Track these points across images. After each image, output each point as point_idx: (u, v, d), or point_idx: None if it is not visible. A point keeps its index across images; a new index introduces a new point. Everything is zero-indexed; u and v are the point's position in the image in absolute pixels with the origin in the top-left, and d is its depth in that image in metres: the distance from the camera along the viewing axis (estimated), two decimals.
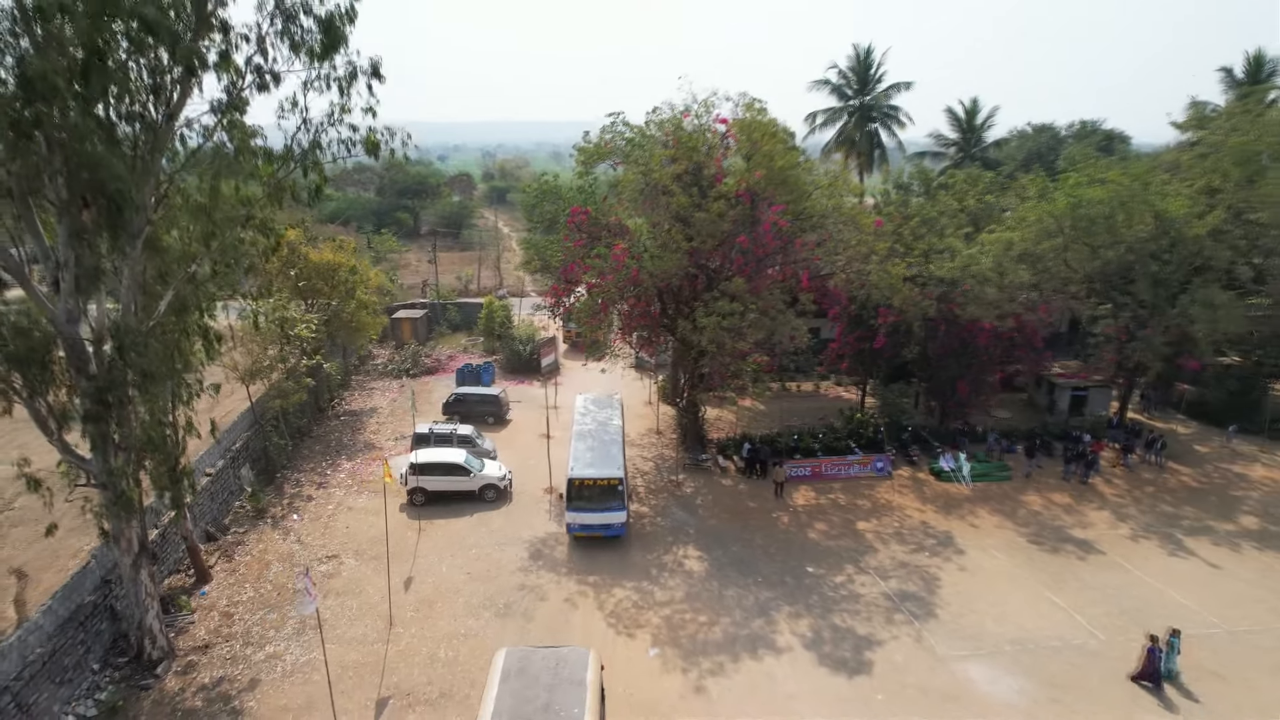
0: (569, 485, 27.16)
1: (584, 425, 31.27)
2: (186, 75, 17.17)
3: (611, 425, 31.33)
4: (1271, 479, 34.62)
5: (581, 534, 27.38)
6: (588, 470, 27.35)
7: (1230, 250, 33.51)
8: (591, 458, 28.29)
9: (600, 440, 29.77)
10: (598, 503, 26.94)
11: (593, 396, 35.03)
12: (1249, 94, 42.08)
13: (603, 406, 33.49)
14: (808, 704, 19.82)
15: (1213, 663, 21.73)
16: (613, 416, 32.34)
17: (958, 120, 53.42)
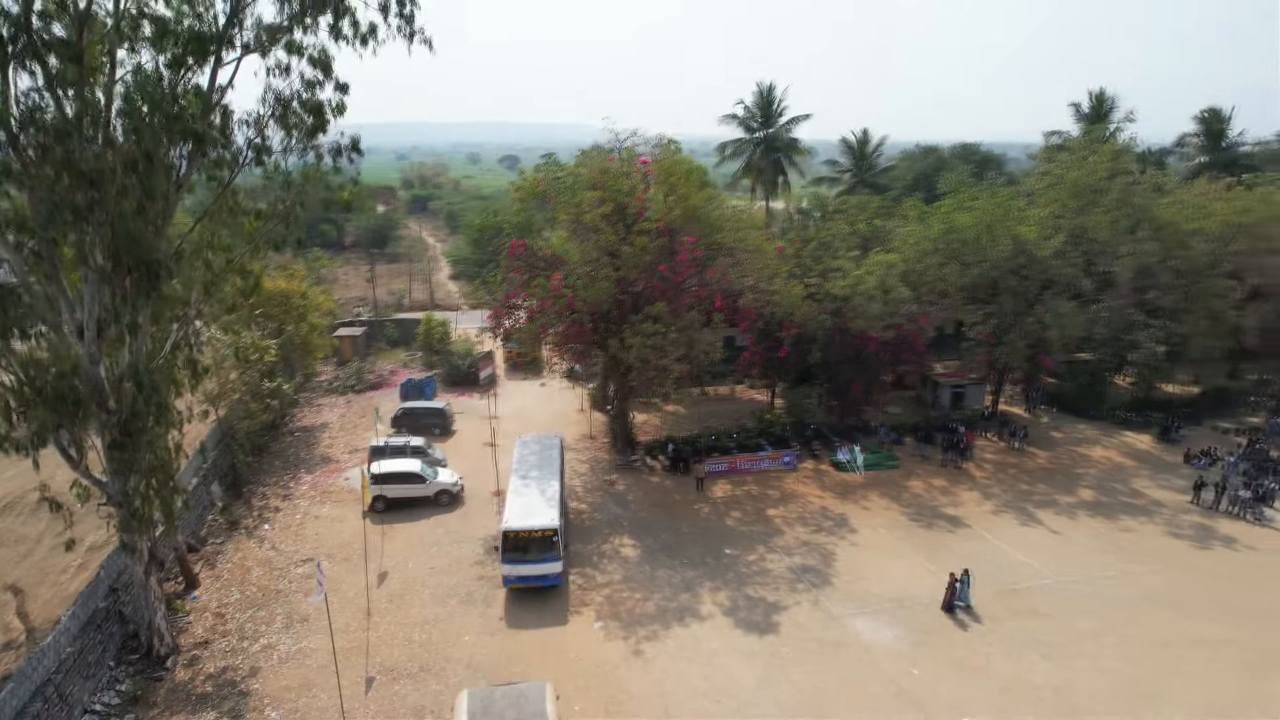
0: (504, 537, 26.96)
1: (522, 470, 31.08)
2: (197, 153, 20.47)
3: (550, 470, 31.02)
4: (1108, 458, 41.13)
5: (518, 585, 27.25)
6: (523, 521, 27.17)
7: (1071, 268, 39.79)
8: (527, 506, 28.13)
9: (538, 487, 29.62)
10: (534, 554, 26.84)
11: (533, 438, 34.57)
12: (1089, 131, 48.99)
13: (543, 449, 33.04)
14: (727, 659, 24.36)
15: (1042, 606, 27.33)
16: (552, 460, 31.89)
17: (851, 149, 59.43)
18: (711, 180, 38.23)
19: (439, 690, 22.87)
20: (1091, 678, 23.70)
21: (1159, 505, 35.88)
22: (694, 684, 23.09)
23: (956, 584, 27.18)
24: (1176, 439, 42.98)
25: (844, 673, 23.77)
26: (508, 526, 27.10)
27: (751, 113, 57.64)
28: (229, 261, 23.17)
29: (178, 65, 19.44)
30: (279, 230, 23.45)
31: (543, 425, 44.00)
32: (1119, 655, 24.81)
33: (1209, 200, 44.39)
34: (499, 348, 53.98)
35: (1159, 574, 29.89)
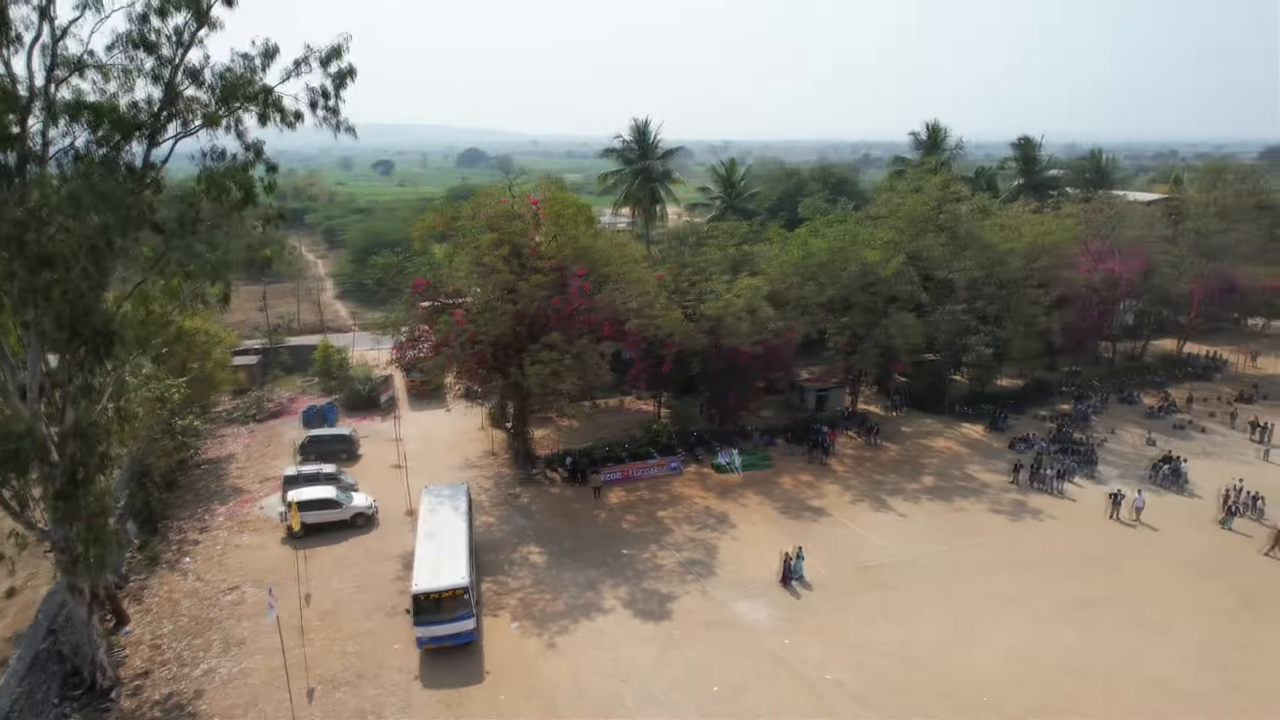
0: (415, 600, 26.64)
1: (430, 525, 31.04)
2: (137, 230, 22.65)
3: (458, 524, 31.14)
4: (948, 448, 47.67)
5: (431, 645, 26.97)
6: (434, 582, 27.01)
7: (911, 285, 45.96)
8: (437, 566, 27.99)
9: (447, 542, 29.65)
10: (446, 613, 26.66)
11: (440, 490, 34.47)
12: (922, 163, 55.98)
13: (450, 500, 33.12)
14: (629, 644, 28.30)
15: (889, 579, 32.72)
16: (459, 513, 32.01)
17: (720, 178, 64.86)
18: (594, 216, 42.14)
19: (376, 694, 25.77)
20: (926, 633, 29.04)
21: (986, 486, 42.33)
22: (602, 668, 26.95)
23: (790, 561, 32.22)
24: (1003, 428, 50.08)
25: (728, 648, 28.18)
26: (418, 589, 26.74)
27: (630, 146, 62.18)
28: (163, 319, 25.32)
29: (108, 143, 21.64)
30: (206, 288, 25.74)
31: (446, 445, 46.85)
32: (948, 614, 30.31)
33: (1020, 222, 51.82)
34: (398, 372, 55.95)
35: (982, 545, 35.93)
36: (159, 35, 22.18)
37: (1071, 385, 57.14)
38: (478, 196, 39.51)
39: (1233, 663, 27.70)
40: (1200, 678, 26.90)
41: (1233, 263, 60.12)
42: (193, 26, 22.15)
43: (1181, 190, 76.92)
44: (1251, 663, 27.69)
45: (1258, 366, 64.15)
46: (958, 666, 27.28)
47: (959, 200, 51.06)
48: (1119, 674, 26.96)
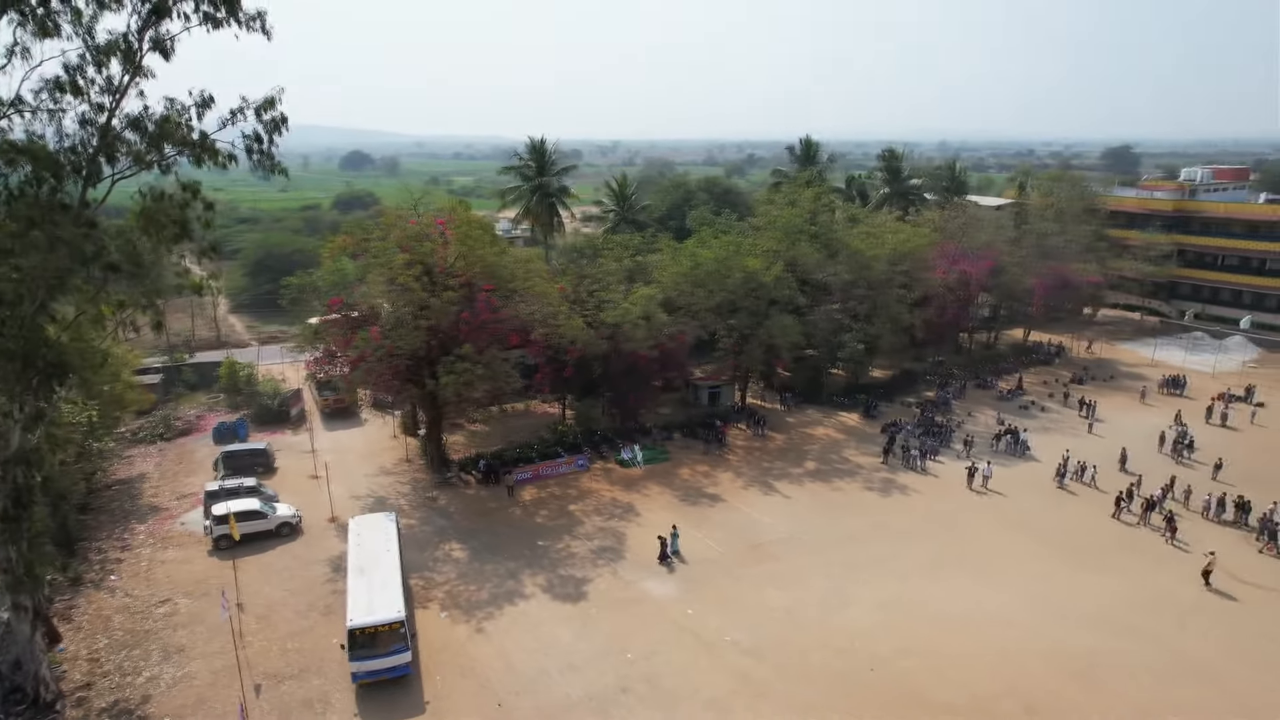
0: (350, 635, 26.62)
1: (359, 558, 31.01)
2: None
3: (388, 554, 31.28)
4: (827, 435, 52.86)
5: (367, 680, 26.92)
6: (369, 616, 27.11)
7: (789, 289, 50.80)
8: (371, 600, 28.07)
9: (379, 575, 29.75)
10: (382, 648, 26.79)
11: (366, 520, 34.64)
12: (797, 177, 61.32)
13: (377, 530, 33.22)
14: (550, 624, 31.49)
15: (777, 553, 37.08)
16: (389, 542, 32.15)
17: (614, 192, 68.60)
18: (499, 236, 45.01)
19: (321, 684, 28.04)
20: (809, 597, 33.44)
21: (860, 468, 47.53)
22: (528, 645, 30.06)
23: (666, 540, 36.24)
24: (875, 415, 55.71)
25: (639, 620, 31.77)
26: (353, 624, 26.80)
27: (526, 163, 65.13)
28: (94, 348, 26.84)
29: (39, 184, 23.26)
30: (137, 315, 27.39)
31: (361, 455, 48.65)
32: (827, 579, 34.84)
33: (884, 231, 57.68)
34: (309, 388, 57.00)
35: (855, 519, 40.84)
36: (90, 84, 23.89)
37: (935, 374, 63.68)
38: (386, 217, 41.71)
39: (1055, 599, 33.30)
40: (1031, 613, 32.30)
41: (1066, 261, 68.19)
42: (125, 76, 23.95)
43: (1026, 195, 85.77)
44: (1071, 598, 33.35)
45: (1093, 352, 72.77)
46: (835, 622, 31.77)
47: (832, 211, 56.41)
48: (967, 616, 32.07)
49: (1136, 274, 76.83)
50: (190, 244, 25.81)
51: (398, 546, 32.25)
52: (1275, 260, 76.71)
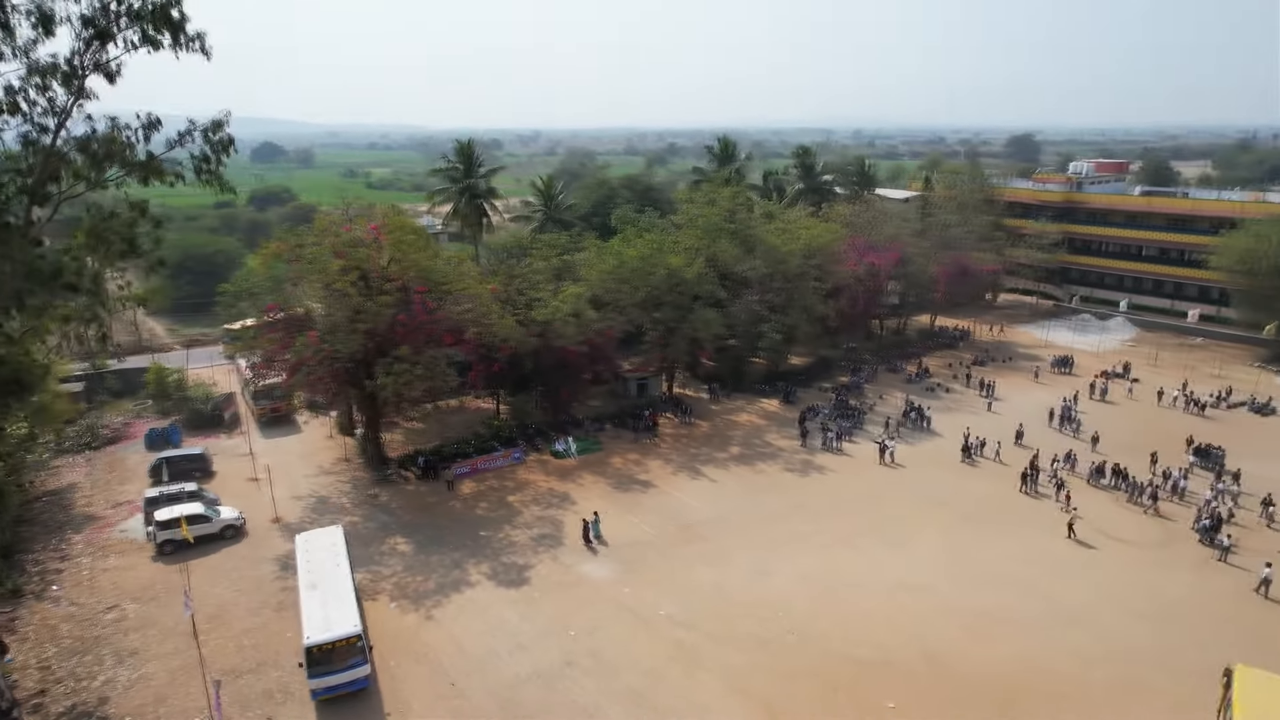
0: (307, 653, 26.84)
1: (310, 573, 31.29)
2: None
3: (339, 568, 31.64)
4: (750, 421, 56.00)
5: (326, 696, 27.15)
6: (325, 633, 27.32)
7: (710, 285, 53.60)
8: (326, 616, 28.31)
9: (332, 590, 30.09)
10: (339, 663, 26.96)
11: (313, 535, 34.85)
12: (715, 176, 64.19)
13: (325, 544, 33.56)
14: (496, 608, 33.50)
15: (705, 533, 39.83)
16: (338, 556, 32.52)
17: (540, 192, 70.25)
18: (433, 239, 46.38)
19: (279, 675, 29.43)
20: (735, 571, 36.29)
21: (781, 451, 50.77)
22: (476, 629, 32.03)
23: (588, 524, 38.68)
24: (794, 400, 59.15)
25: (580, 601, 34.06)
26: (310, 641, 27.03)
27: (454, 165, 66.25)
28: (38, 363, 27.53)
29: None
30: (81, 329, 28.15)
31: (299, 455, 49.43)
32: (751, 555, 37.77)
33: (797, 227, 61.03)
34: (244, 396, 56.99)
35: (777, 499, 43.94)
36: (33, 105, 24.61)
37: (848, 360, 67.64)
38: (319, 222, 42.67)
39: (956, 563, 37.00)
40: (934, 576, 35.86)
41: (966, 250, 73.08)
42: (69, 99, 24.76)
43: (930, 188, 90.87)
44: (969, 561, 37.12)
45: (1001, 335, 77.98)
46: (759, 593, 34.69)
47: (749, 208, 59.45)
48: (876, 581, 35.43)
49: (1030, 260, 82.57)
50: (138, 259, 26.72)
51: (347, 559, 32.64)
52: (1149, 247, 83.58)
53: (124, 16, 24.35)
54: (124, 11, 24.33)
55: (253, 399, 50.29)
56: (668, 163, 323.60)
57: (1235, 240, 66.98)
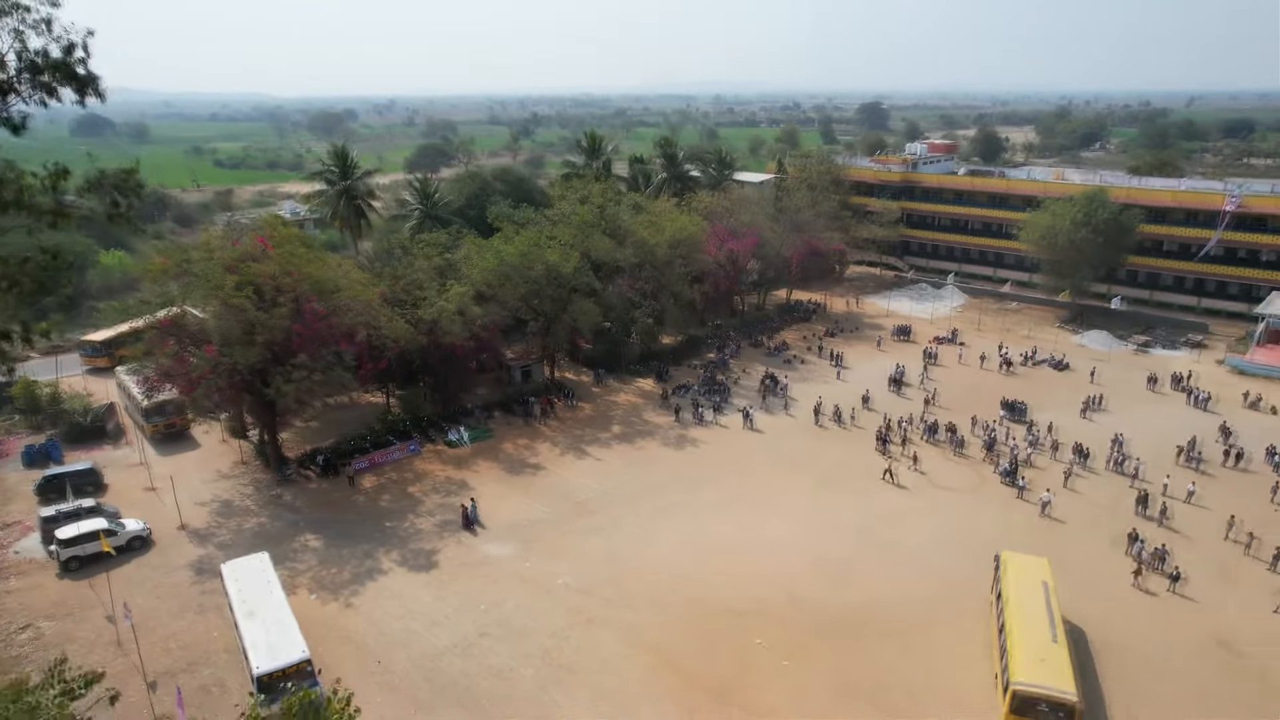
0: (258, 682, 27.27)
1: (246, 602, 32.00)
2: None
3: (274, 594, 32.55)
4: (628, 401, 60.82)
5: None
6: (274, 661, 27.90)
7: (586, 277, 57.68)
8: (269, 642, 29.08)
9: (273, 617, 30.99)
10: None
11: (240, 564, 35.23)
12: (585, 173, 67.99)
13: (254, 571, 34.38)
14: (410, 591, 36.91)
15: (595, 508, 44.40)
16: (270, 582, 33.43)
17: (416, 190, 71.82)
18: (321, 251, 48.15)
19: (212, 672, 31.95)
20: (623, 541, 41.10)
21: (658, 427, 55.85)
22: (394, 612, 35.44)
23: (466, 510, 42.54)
24: (667, 379, 64.36)
25: (485, 578, 37.99)
26: (260, 670, 27.71)
27: (329, 168, 66.92)
28: None
29: None
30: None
31: (195, 461, 50.45)
32: (637, 525, 42.66)
33: (663, 219, 65.75)
34: (129, 411, 56.26)
35: (657, 472, 48.99)
36: None
37: (714, 337, 73.50)
38: (206, 236, 43.85)
39: (811, 520, 43.20)
40: (798, 533, 41.85)
41: (816, 232, 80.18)
42: None
43: (784, 171, 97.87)
44: (822, 518, 43.38)
45: (855, 306, 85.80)
46: (646, 558, 39.66)
47: (618, 202, 63.66)
48: (749, 541, 41.06)
49: (874, 236, 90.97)
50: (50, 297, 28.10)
51: (279, 584, 33.67)
52: (974, 221, 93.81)
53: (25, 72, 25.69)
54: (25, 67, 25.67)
55: (143, 417, 50.52)
56: (532, 134, 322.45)
57: (1038, 217, 76.86)
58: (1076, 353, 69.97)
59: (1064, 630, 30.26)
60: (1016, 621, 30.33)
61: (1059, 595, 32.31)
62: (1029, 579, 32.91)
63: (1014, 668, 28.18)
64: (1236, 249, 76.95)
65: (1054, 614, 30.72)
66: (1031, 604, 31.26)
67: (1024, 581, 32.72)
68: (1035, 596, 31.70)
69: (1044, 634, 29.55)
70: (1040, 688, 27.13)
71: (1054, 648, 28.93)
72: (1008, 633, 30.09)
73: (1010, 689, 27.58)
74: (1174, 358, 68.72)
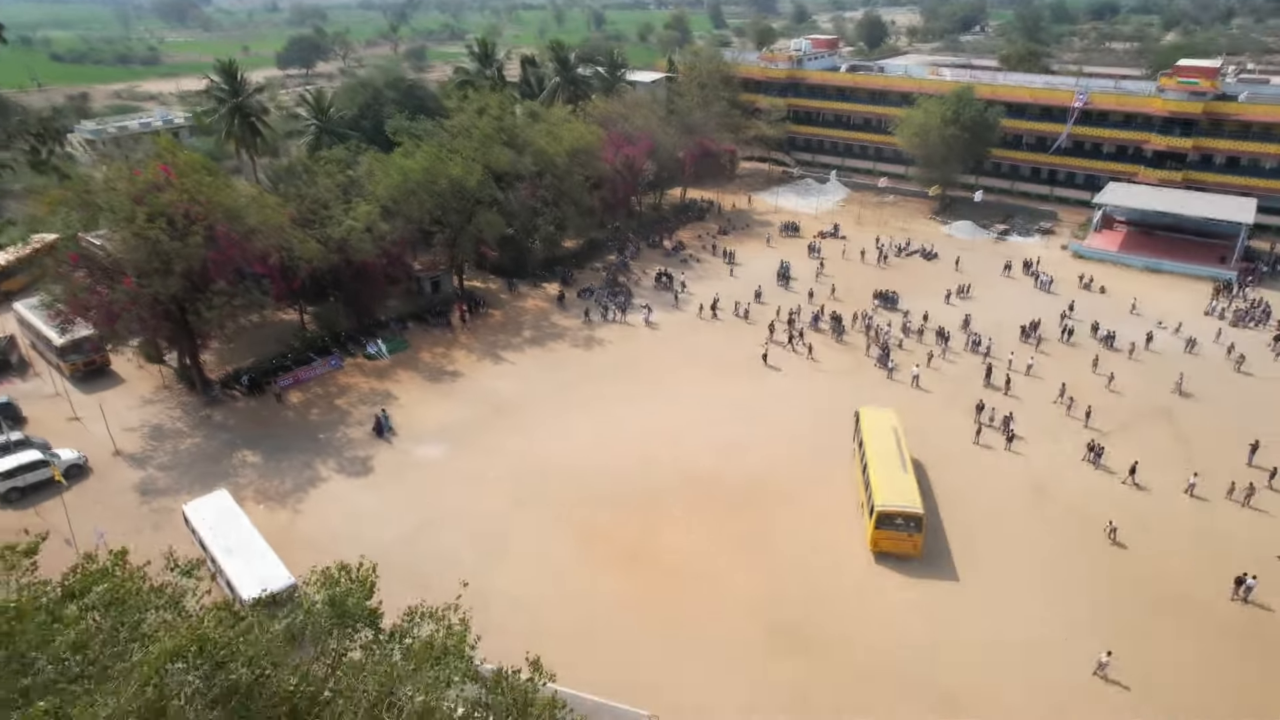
0: None
1: (220, 540, 33.53)
2: None
3: (245, 528, 34.45)
4: (536, 306, 64.24)
5: None
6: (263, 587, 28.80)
7: (489, 189, 59.70)
8: (255, 574, 31.02)
9: (252, 549, 32.95)
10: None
11: (202, 503, 36.45)
12: (479, 78, 68.47)
13: (221, 508, 35.89)
14: (352, 495, 40.54)
15: (512, 410, 48.49)
16: (238, 517, 35.22)
17: (311, 105, 70.46)
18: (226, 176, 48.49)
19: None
20: (542, 438, 45.54)
21: (566, 329, 59.73)
22: (340, 514, 39.17)
23: (380, 419, 46.07)
24: (571, 282, 67.80)
25: (422, 477, 41.99)
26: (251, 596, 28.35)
27: (218, 85, 64.83)
28: None
29: None
30: None
31: (114, 390, 51.37)
32: (554, 422, 47.09)
33: (561, 129, 67.44)
34: (38, 349, 55.29)
35: (567, 372, 53.24)
36: None
37: (614, 240, 76.86)
38: (111, 170, 43.80)
39: (708, 406, 48.54)
40: (692, 418, 47.17)
41: (707, 134, 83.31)
42: None
43: (673, 69, 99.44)
44: (718, 403, 48.80)
45: (747, 204, 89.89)
46: (563, 449, 44.31)
47: (515, 114, 64.98)
48: (651, 427, 46.18)
49: (762, 134, 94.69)
50: None
51: (247, 518, 35.39)
52: (855, 117, 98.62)
53: None
54: None
55: (59, 356, 50.44)
56: (409, 19, 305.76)
57: (912, 115, 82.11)
58: (945, 242, 76.87)
59: (911, 464, 38.39)
60: (874, 459, 38.71)
61: (906, 438, 40.12)
62: (881, 426, 41.19)
63: (876, 494, 36.47)
64: (1083, 142, 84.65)
65: (903, 452, 39.11)
66: (885, 445, 39.60)
67: (878, 429, 41.00)
68: (888, 440, 40.02)
69: (896, 467, 38.14)
70: (896, 506, 35.69)
71: (904, 476, 37.52)
72: (869, 469, 38.28)
73: (875, 509, 35.90)
74: (1027, 244, 76.59)
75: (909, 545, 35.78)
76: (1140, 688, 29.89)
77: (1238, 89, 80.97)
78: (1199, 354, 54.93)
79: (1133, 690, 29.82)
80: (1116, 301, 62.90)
